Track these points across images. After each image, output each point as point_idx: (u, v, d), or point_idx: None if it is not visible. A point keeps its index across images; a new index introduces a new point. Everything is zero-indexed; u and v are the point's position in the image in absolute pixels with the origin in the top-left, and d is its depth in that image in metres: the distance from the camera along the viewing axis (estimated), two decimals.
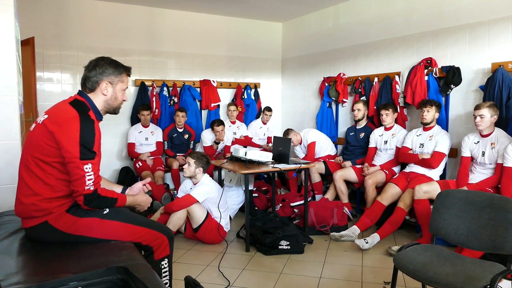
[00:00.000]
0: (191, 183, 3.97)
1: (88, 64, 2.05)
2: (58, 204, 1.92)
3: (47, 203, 1.90)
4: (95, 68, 2.02)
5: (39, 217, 1.91)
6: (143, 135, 5.40)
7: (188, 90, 5.92)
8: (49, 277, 1.56)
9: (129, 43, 5.61)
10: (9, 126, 2.66)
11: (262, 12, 6.10)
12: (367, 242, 3.66)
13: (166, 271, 2.18)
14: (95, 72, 2.02)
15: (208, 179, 3.93)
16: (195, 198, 3.74)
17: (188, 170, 3.83)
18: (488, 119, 3.41)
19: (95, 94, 2.04)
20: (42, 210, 1.90)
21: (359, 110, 4.83)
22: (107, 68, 2.03)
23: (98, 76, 2.02)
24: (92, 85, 2.02)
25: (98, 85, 2.03)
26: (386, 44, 4.88)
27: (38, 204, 1.89)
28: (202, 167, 3.86)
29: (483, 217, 2.27)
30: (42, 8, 5.02)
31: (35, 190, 1.89)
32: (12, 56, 2.69)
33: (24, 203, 1.92)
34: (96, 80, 2.02)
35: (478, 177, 3.56)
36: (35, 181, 1.90)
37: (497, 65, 3.64)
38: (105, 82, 2.03)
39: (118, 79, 2.07)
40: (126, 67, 2.12)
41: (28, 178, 1.91)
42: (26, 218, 1.96)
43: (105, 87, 2.03)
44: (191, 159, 3.84)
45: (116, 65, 2.07)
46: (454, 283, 1.95)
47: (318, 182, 4.98)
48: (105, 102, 2.07)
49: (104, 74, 2.02)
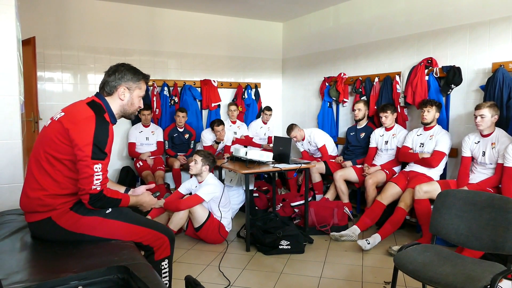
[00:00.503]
0: (196, 182, 3.98)
1: (108, 69, 2.09)
2: (63, 201, 1.94)
3: (52, 199, 1.92)
4: (114, 73, 2.06)
5: (43, 212, 1.93)
6: (144, 134, 5.40)
7: (188, 90, 5.93)
8: (50, 276, 1.57)
9: (129, 43, 5.62)
10: (10, 126, 2.67)
11: (262, 12, 6.11)
12: (368, 243, 3.66)
13: (166, 271, 2.19)
14: (114, 77, 2.05)
15: (213, 178, 3.95)
16: (202, 198, 3.76)
17: (195, 168, 3.85)
18: (489, 119, 3.41)
19: (112, 98, 2.08)
20: (46, 205, 1.92)
21: (359, 110, 4.84)
22: (126, 74, 2.07)
23: (117, 81, 2.06)
24: (110, 89, 2.06)
25: (116, 90, 2.06)
26: (386, 44, 4.88)
27: (43, 199, 1.92)
28: (208, 165, 3.88)
29: (483, 217, 2.27)
30: (43, 8, 5.03)
31: (42, 185, 1.92)
32: (13, 56, 2.70)
33: (30, 196, 1.94)
34: (115, 85, 2.06)
35: (478, 177, 3.56)
36: (43, 176, 1.93)
37: (498, 65, 3.64)
38: (123, 87, 2.07)
39: (136, 86, 2.10)
40: (145, 74, 2.16)
41: (37, 172, 1.94)
42: (30, 212, 1.98)
43: (123, 92, 2.07)
44: (198, 157, 3.87)
45: (135, 72, 2.11)
46: (454, 283, 1.95)
47: (318, 182, 4.99)
48: (121, 107, 2.10)
49: (122, 79, 2.06)
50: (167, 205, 3.82)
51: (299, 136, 5.13)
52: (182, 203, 3.75)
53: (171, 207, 3.80)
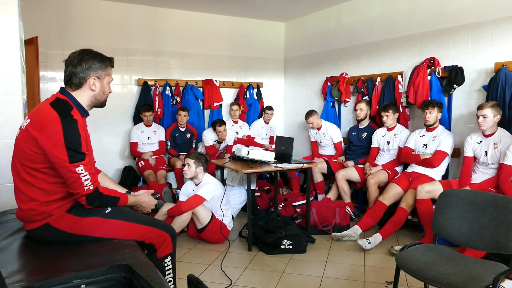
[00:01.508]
0: (193, 185, 3.97)
1: (71, 59, 1.96)
2: (56, 206, 1.91)
3: (45, 207, 1.89)
4: (80, 63, 1.93)
5: (40, 220, 1.91)
6: (146, 134, 5.41)
7: (190, 89, 5.93)
8: (52, 275, 1.57)
9: (132, 42, 5.62)
10: (13, 125, 2.67)
11: (264, 12, 6.11)
12: (369, 242, 3.66)
13: (170, 268, 2.18)
14: (81, 67, 1.93)
15: (211, 177, 3.94)
16: (203, 197, 3.75)
17: (189, 171, 3.82)
18: (491, 119, 3.40)
19: (81, 91, 1.97)
20: (41, 213, 1.89)
21: (361, 109, 4.84)
22: (94, 62, 1.95)
23: (85, 72, 1.94)
24: (79, 81, 1.95)
25: (85, 81, 1.95)
26: (388, 43, 4.88)
27: (36, 209, 1.88)
28: (202, 166, 3.86)
29: (485, 217, 2.27)
30: (46, 8, 5.04)
31: (30, 196, 1.87)
32: (16, 55, 2.70)
33: (22, 209, 1.91)
34: (84, 76, 1.94)
35: (480, 177, 3.55)
36: (28, 187, 1.87)
37: (500, 64, 3.63)
38: (93, 78, 1.96)
39: (105, 73, 2.00)
40: (110, 58, 2.05)
41: (21, 185, 1.89)
42: (27, 221, 1.95)
43: (93, 82, 1.96)
44: (190, 160, 3.83)
45: (102, 59, 1.99)
46: (456, 283, 1.94)
47: (320, 181, 4.99)
48: (92, 97, 2.00)
49: (91, 69, 1.95)
50: (171, 211, 3.81)
51: (316, 124, 5.21)
52: (184, 205, 3.74)
53: (174, 213, 3.78)
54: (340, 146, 5.18)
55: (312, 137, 5.39)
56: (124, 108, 5.63)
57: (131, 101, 5.66)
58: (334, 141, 5.19)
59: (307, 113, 5.22)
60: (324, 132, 5.22)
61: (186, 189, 4.05)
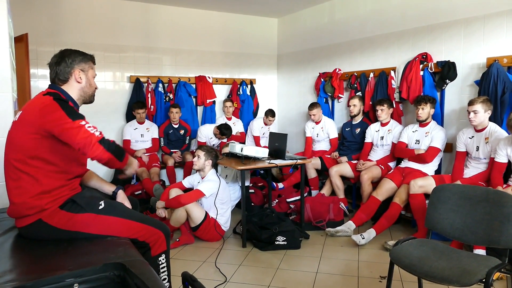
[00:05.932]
0: (199, 178, 3.99)
1: (53, 60, 2.02)
2: (49, 200, 1.91)
3: (38, 200, 1.88)
4: (63, 60, 2.00)
5: (32, 215, 1.90)
6: (139, 131, 5.38)
7: (183, 86, 5.90)
8: (45, 274, 1.55)
9: (124, 39, 5.57)
10: (3, 123, 2.63)
11: (257, 8, 6.08)
12: (363, 238, 3.68)
13: (164, 266, 2.18)
14: (65, 64, 2.00)
15: (213, 175, 3.95)
16: (203, 192, 3.76)
17: (198, 163, 3.87)
18: (482, 114, 3.42)
19: (69, 85, 2.03)
20: (33, 207, 1.88)
21: (354, 105, 4.85)
22: (76, 56, 2.02)
23: (69, 66, 2.00)
24: (65, 76, 2.00)
25: (71, 75, 2.01)
26: (381, 39, 4.88)
27: (29, 202, 1.88)
28: (211, 160, 3.91)
29: (478, 212, 2.28)
30: (36, 4, 4.97)
31: (23, 188, 1.88)
32: (6, 52, 2.67)
33: (15, 202, 1.91)
34: (69, 70, 2.00)
35: (472, 172, 3.58)
36: (21, 179, 1.89)
37: (492, 60, 3.65)
38: (77, 70, 2.02)
39: (88, 66, 2.07)
40: (91, 55, 2.11)
41: (15, 177, 1.90)
42: (19, 217, 1.94)
43: (79, 75, 2.02)
44: (201, 152, 3.89)
45: (82, 53, 2.07)
46: (450, 277, 1.96)
47: (314, 177, 4.99)
48: (80, 90, 2.06)
49: (74, 62, 2.01)
50: (169, 203, 3.80)
51: (317, 117, 5.25)
52: (184, 198, 3.74)
53: (173, 204, 3.77)
54: (335, 142, 5.20)
55: (308, 132, 5.39)
56: (117, 105, 5.59)
57: (124, 98, 5.62)
58: (330, 137, 5.20)
59: (311, 104, 5.25)
60: (323, 126, 5.24)
61: (192, 178, 4.08)
